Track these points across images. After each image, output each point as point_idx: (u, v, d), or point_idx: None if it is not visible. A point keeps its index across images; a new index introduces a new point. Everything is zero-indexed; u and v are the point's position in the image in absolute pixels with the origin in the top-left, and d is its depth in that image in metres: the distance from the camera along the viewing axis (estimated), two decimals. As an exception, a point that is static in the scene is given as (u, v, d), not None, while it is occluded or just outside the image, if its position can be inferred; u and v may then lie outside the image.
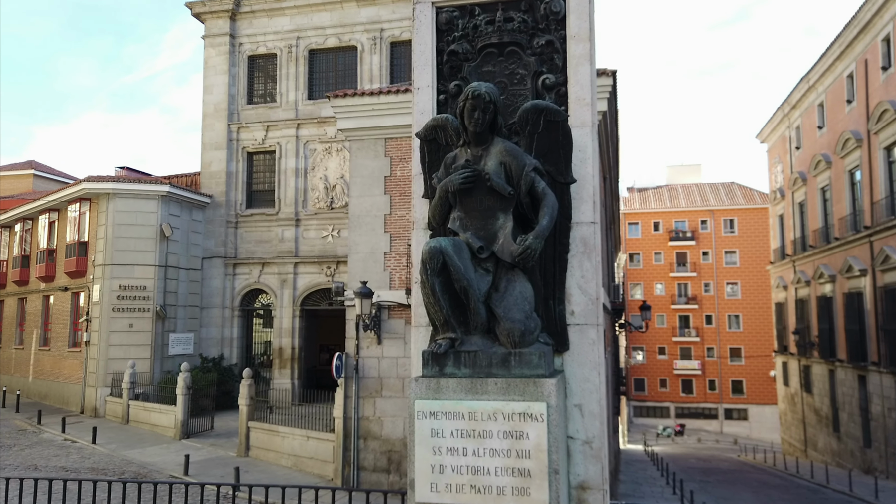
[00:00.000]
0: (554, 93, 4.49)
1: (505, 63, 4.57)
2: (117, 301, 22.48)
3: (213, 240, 25.45)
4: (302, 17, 25.90)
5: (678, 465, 29.38)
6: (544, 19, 4.57)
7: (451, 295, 3.81)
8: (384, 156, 16.03)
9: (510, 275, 3.94)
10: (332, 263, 24.66)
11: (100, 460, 16.42)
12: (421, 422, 3.64)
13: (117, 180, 23.40)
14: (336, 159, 25.30)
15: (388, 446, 15.02)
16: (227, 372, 23.80)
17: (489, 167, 4.00)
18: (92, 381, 22.52)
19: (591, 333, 4.27)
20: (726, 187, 62.85)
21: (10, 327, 28.60)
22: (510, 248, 3.87)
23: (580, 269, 4.30)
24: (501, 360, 3.72)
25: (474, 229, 4.00)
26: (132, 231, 22.81)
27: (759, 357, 56.28)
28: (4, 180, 36.10)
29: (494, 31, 4.57)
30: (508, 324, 3.74)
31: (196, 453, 16.87)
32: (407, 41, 25.31)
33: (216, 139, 25.89)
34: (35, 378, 26.17)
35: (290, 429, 16.46)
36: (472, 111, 4.01)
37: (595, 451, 4.18)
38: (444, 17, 4.71)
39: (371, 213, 15.86)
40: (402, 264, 15.76)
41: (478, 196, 4.03)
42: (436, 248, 3.75)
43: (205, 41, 26.42)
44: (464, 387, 3.70)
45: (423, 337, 4.45)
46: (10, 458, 16.30)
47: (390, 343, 15.41)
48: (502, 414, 3.57)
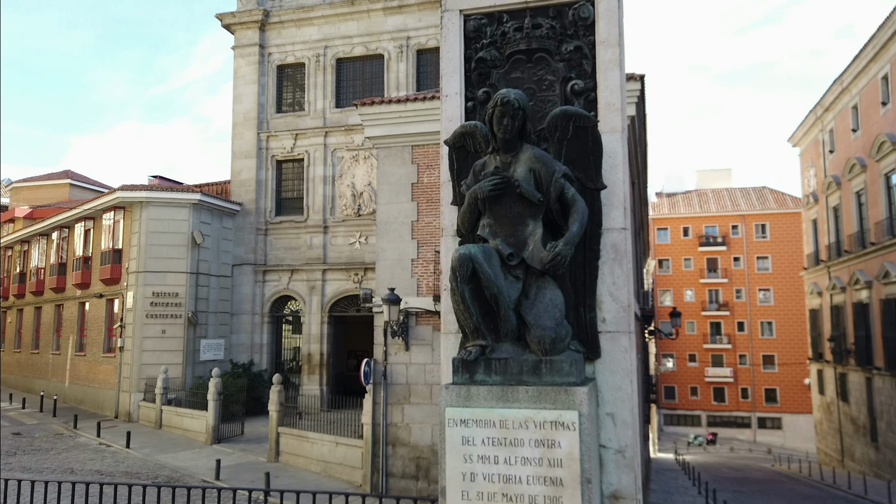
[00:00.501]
0: (583, 98, 4.47)
1: (533, 69, 4.56)
2: (150, 307, 22.91)
3: (244, 247, 25.81)
4: (329, 26, 26.20)
5: (710, 475, 28.85)
6: (573, 25, 4.56)
7: (482, 302, 3.81)
8: (411, 163, 16.08)
9: (540, 282, 3.92)
10: (360, 270, 24.82)
11: (134, 464, 16.70)
12: (452, 429, 3.63)
13: (150, 189, 23.89)
14: (363, 166, 25.49)
15: (417, 453, 15.01)
16: (256, 378, 24.06)
17: (518, 174, 3.99)
18: (126, 386, 22.95)
19: (622, 341, 4.22)
20: (757, 192, 61.78)
21: (47, 333, 29.31)
22: (540, 254, 3.85)
23: (611, 275, 4.26)
24: (532, 368, 3.70)
25: (504, 236, 3.99)
26: (165, 238, 23.25)
27: (793, 365, 55.08)
28: (42, 190, 37.13)
29: (523, 38, 4.57)
30: (539, 331, 3.71)
31: (227, 458, 17.06)
32: (433, 48, 25.44)
33: (246, 148, 26.28)
34: (71, 383, 26.76)
35: (320, 434, 16.55)
36: (501, 118, 4.01)
37: (628, 461, 4.12)
38: (472, 25, 4.72)
39: (398, 219, 15.91)
40: (429, 271, 15.77)
41: (507, 203, 4.02)
42: (466, 255, 3.75)
43: (235, 51, 26.88)
44: (494, 394, 3.68)
45: (452, 344, 4.45)
46: (48, 461, 16.68)
47: (418, 349, 15.41)
48: (534, 422, 3.55)
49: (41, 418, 23.44)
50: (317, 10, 26.10)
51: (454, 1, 4.73)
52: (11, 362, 32.82)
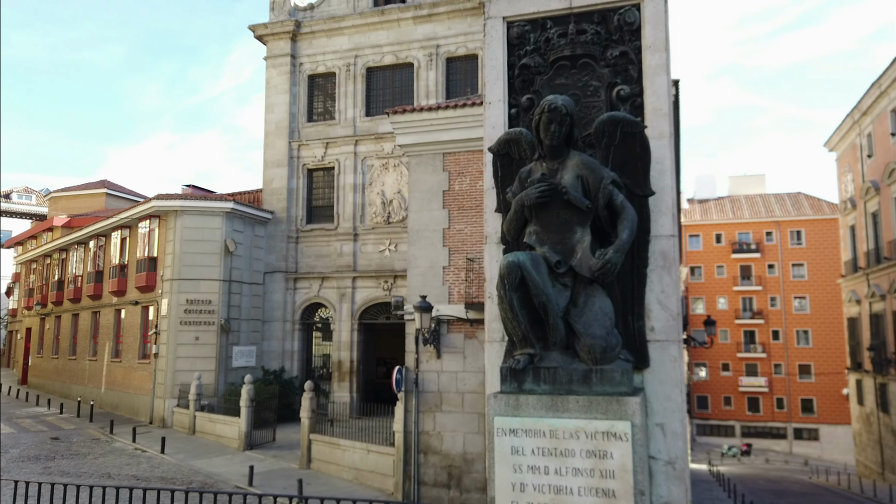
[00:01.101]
0: (629, 104, 4.43)
1: (578, 75, 4.53)
2: (184, 315, 23.24)
3: (275, 255, 26.08)
4: (360, 35, 26.44)
5: (746, 487, 28.22)
6: (618, 30, 4.52)
7: (530, 310, 3.77)
8: (442, 170, 16.09)
9: (589, 290, 3.87)
10: (390, 277, 24.88)
11: (168, 470, 16.90)
12: (501, 439, 3.60)
13: (185, 198, 24.29)
14: (393, 174, 25.60)
15: (449, 461, 14.94)
16: (287, 384, 24.24)
17: (566, 180, 3.96)
18: (160, 392, 23.29)
19: (672, 350, 4.14)
20: (792, 198, 60.60)
21: (84, 340, 29.92)
22: (589, 262, 3.80)
23: (659, 283, 4.20)
24: (582, 377, 3.65)
25: (551, 243, 3.95)
26: (198, 247, 23.60)
27: (830, 374, 53.71)
28: (79, 199, 38.02)
29: (567, 44, 4.55)
30: (589, 340, 3.66)
31: (259, 465, 17.18)
32: (462, 56, 25.51)
33: (277, 157, 26.61)
34: (107, 389, 27.26)
35: (351, 442, 16.57)
36: (548, 124, 3.98)
37: (678, 472, 4.04)
38: (516, 32, 4.71)
39: (430, 227, 15.91)
40: (460, 278, 15.73)
41: (554, 210, 3.98)
42: (514, 263, 3.72)
43: (267, 62, 27.27)
44: (544, 404, 3.64)
45: (497, 352, 4.41)
46: (86, 466, 16.98)
47: (449, 357, 15.37)
48: (585, 432, 3.49)
49: (78, 423, 23.90)
50: (347, 20, 26.36)
51: (497, 8, 4.73)
52: (49, 368, 33.58)
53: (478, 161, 15.89)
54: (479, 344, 15.17)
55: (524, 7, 4.69)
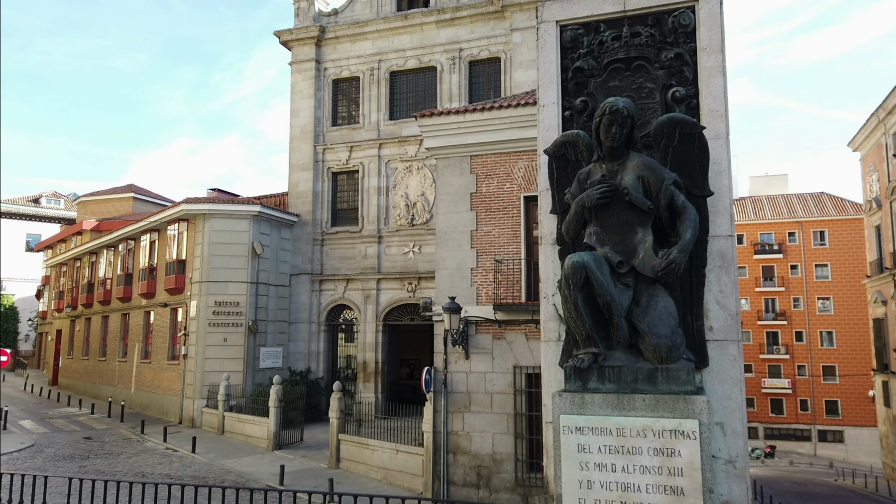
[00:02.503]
0: (684, 105, 4.47)
1: (632, 77, 4.59)
2: (213, 316, 23.55)
3: (301, 257, 26.33)
4: (383, 40, 26.63)
5: (771, 489, 27.94)
6: (672, 32, 4.57)
7: (593, 310, 3.83)
8: (470, 173, 16.17)
9: (651, 290, 3.92)
10: (414, 279, 25.01)
11: (200, 469, 17.14)
12: (567, 437, 3.66)
13: (213, 201, 24.61)
14: (416, 177, 25.73)
15: (478, 461, 15.00)
16: (313, 385, 24.45)
17: (626, 181, 4.01)
18: (189, 392, 23.61)
19: (731, 350, 4.18)
20: (815, 198, 59.87)
21: (114, 341, 30.39)
22: (652, 262, 3.86)
23: (717, 283, 4.24)
24: (648, 376, 3.70)
25: (612, 244, 4.01)
26: (226, 249, 23.90)
27: (855, 376, 52.97)
28: (108, 203, 38.65)
29: (621, 47, 4.60)
30: (655, 339, 3.71)
31: (289, 464, 17.36)
32: (485, 60, 25.60)
33: (303, 160, 26.87)
34: (137, 389, 27.67)
35: (380, 442, 16.70)
36: (608, 126, 4.04)
37: (739, 471, 4.07)
38: (569, 35, 4.77)
39: (457, 229, 16.00)
40: (488, 280, 15.81)
41: (615, 211, 4.04)
42: (579, 263, 3.78)
43: (292, 67, 27.56)
44: (609, 402, 3.70)
45: (553, 352, 4.47)
46: (119, 465, 17.27)
47: (478, 358, 15.43)
48: (652, 430, 3.55)
49: (109, 423, 24.29)
50: (371, 25, 26.56)
51: (550, 12, 4.79)
52: (79, 369, 34.15)
53: (505, 163, 15.97)
54: (508, 345, 15.24)
55: (577, 11, 4.75)
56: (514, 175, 15.70)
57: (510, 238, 15.66)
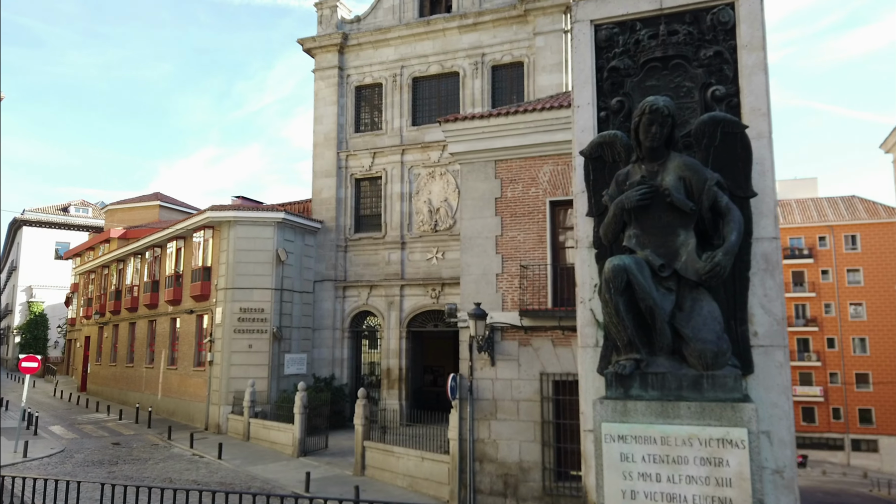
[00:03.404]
0: (724, 104, 4.35)
1: (669, 76, 4.48)
2: (238, 323, 23.70)
3: (324, 263, 26.42)
4: (406, 46, 26.70)
5: (804, 500, 27.29)
6: (711, 30, 4.45)
7: (635, 315, 3.72)
8: (494, 177, 16.09)
9: (695, 293, 3.80)
10: (437, 285, 24.94)
11: (227, 475, 17.20)
12: (609, 445, 3.54)
13: (238, 209, 24.82)
14: (439, 183, 25.70)
15: (504, 469, 14.84)
16: (337, 392, 24.46)
17: (667, 182, 3.90)
18: (215, 398, 23.76)
19: (777, 355, 4.04)
20: (846, 201, 58.73)
21: (141, 348, 30.76)
22: (695, 265, 3.73)
23: (762, 287, 4.10)
24: (692, 383, 3.58)
25: (653, 247, 3.90)
26: (251, 256, 24.07)
27: (889, 384, 51.69)
28: (134, 211, 39.22)
29: (658, 45, 4.49)
30: (700, 344, 3.59)
31: (314, 471, 17.34)
32: (507, 64, 25.54)
33: (326, 167, 27.01)
34: (163, 395, 27.94)
35: (405, 449, 16.60)
36: (648, 126, 3.93)
37: (787, 482, 3.92)
38: (604, 34, 4.67)
39: (482, 234, 15.91)
40: (514, 285, 15.68)
41: (655, 213, 3.93)
42: (620, 267, 3.67)
43: (315, 74, 27.75)
44: (653, 410, 3.58)
45: (591, 358, 4.36)
46: (147, 471, 17.40)
47: (504, 365, 15.30)
48: (698, 439, 3.42)
49: (137, 429, 24.54)
50: (393, 32, 26.66)
51: (584, 11, 4.70)
52: (107, 375, 34.62)
53: (530, 168, 15.86)
54: (534, 351, 15.07)
55: (612, 9, 4.65)
56: (540, 179, 15.58)
57: (536, 243, 15.52)
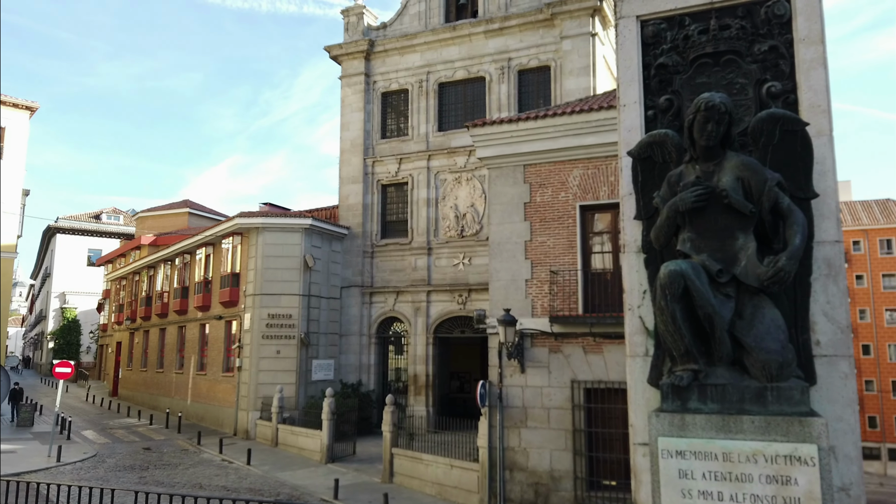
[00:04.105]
0: (780, 101, 4.14)
1: (721, 73, 4.28)
2: (266, 329, 23.79)
3: (351, 269, 26.42)
4: (432, 52, 26.66)
5: (844, 512, 26.46)
6: (766, 24, 4.25)
7: (691, 322, 3.52)
8: (523, 182, 15.91)
9: (755, 300, 3.59)
10: (464, 291, 24.76)
11: (255, 481, 17.20)
12: (666, 461, 3.35)
13: (266, 215, 24.95)
14: (466, 188, 25.56)
15: (535, 478, 14.60)
16: (364, 398, 24.39)
17: (724, 183, 3.71)
18: (244, 404, 23.85)
19: (841, 366, 3.81)
20: (881, 205, 57.31)
21: (171, 353, 31.07)
22: (756, 270, 3.53)
23: (824, 293, 3.87)
24: (755, 396, 3.37)
25: (709, 251, 3.70)
26: (279, 262, 24.17)
27: (928, 392, 50.18)
28: (164, 219, 39.76)
29: (709, 41, 4.31)
30: (763, 354, 3.38)
31: (342, 478, 17.25)
32: (534, 69, 25.33)
33: (353, 173, 27.04)
34: (192, 401, 28.15)
35: (434, 457, 16.44)
36: (704, 124, 3.75)
37: (854, 500, 3.69)
38: (651, 31, 4.50)
39: (511, 240, 15.72)
40: (544, 291, 15.45)
41: (712, 215, 3.73)
42: (677, 272, 3.48)
43: (342, 81, 27.85)
44: (713, 424, 3.38)
45: (640, 368, 4.17)
46: (177, 476, 17.48)
47: (534, 372, 15.07)
48: (763, 456, 3.22)
49: (167, 434, 24.74)
50: (419, 38, 26.64)
51: (630, 7, 4.53)
52: (138, 380, 35.04)
53: (560, 172, 15.64)
54: (565, 358, 14.83)
55: (660, 4, 4.48)
56: (570, 184, 15.36)
57: (566, 248, 15.28)
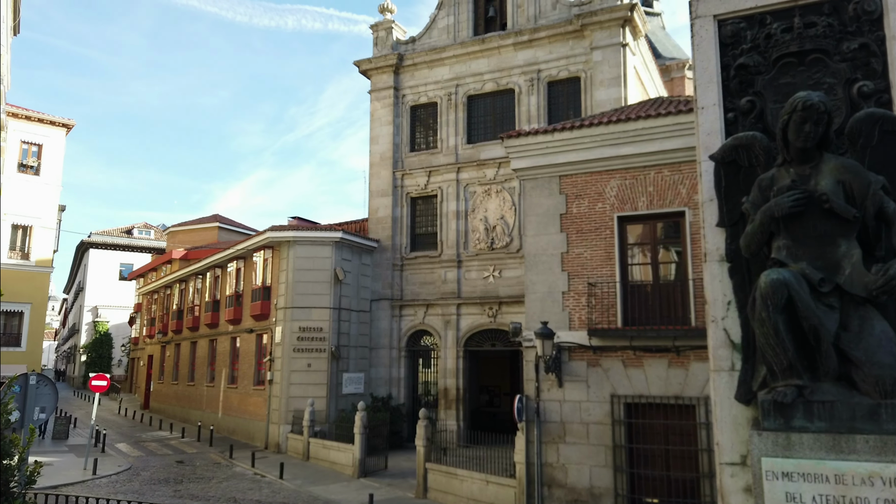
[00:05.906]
0: (873, 101, 3.93)
1: (807, 72, 4.08)
2: (297, 342, 23.78)
3: (381, 282, 26.36)
4: (460, 65, 26.67)
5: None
6: (854, 21, 4.05)
7: (795, 335, 3.31)
8: (559, 193, 15.71)
9: (862, 311, 3.36)
10: (494, 304, 24.54)
11: (289, 496, 17.09)
12: (771, 483, 3.14)
13: (297, 229, 25.04)
14: (495, 200, 25.41)
15: (574, 495, 14.27)
16: (395, 411, 24.21)
17: (823, 187, 3.50)
18: (275, 418, 23.81)
19: (952, 381, 3.54)
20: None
21: (202, 366, 31.24)
22: (863, 279, 3.31)
23: (928, 303, 3.62)
24: (868, 413, 3.14)
25: (808, 259, 3.48)
26: (310, 276, 24.19)
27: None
28: (194, 233, 40.19)
29: (793, 39, 4.11)
30: (875, 369, 3.15)
31: (376, 493, 17.04)
32: (563, 80, 25.19)
33: (382, 186, 27.06)
34: (224, 414, 28.22)
35: (469, 472, 16.17)
36: (800, 124, 3.55)
37: (970, 527, 3.41)
38: (729, 30, 4.32)
39: (547, 251, 15.51)
40: (581, 304, 15.18)
41: (810, 221, 3.52)
42: (780, 282, 3.27)
43: (371, 95, 27.97)
44: (822, 444, 3.15)
45: (726, 383, 3.95)
46: (211, 489, 17.44)
47: (572, 386, 14.78)
48: (881, 478, 2.99)
49: (199, 447, 24.79)
50: (448, 51, 26.68)
51: (707, 6, 4.37)
52: (169, 393, 35.28)
53: (596, 183, 15.42)
54: (604, 372, 14.53)
55: (739, 3, 4.30)
56: (607, 194, 15.12)
57: (603, 260, 15.02)
